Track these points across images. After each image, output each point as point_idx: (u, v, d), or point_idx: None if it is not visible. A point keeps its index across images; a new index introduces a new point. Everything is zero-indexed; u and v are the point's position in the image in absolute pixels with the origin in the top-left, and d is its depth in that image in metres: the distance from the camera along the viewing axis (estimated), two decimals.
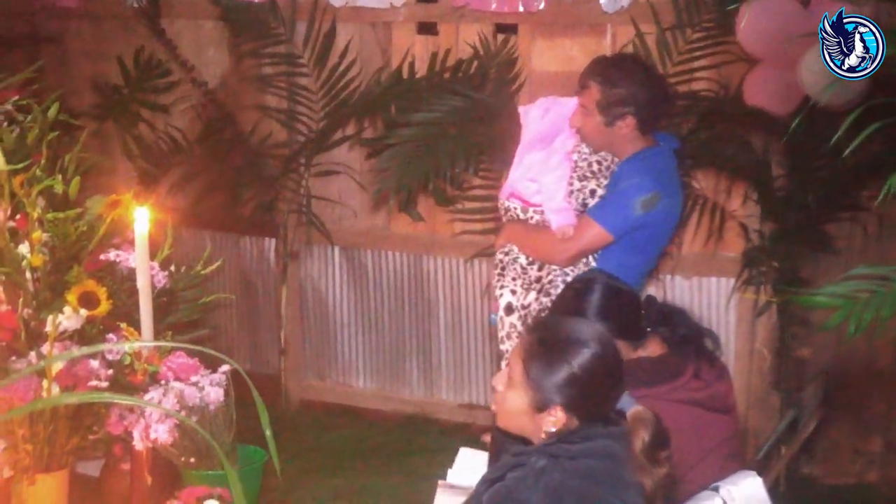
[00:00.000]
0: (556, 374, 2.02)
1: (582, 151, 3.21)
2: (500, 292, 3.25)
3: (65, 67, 5.38)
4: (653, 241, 3.18)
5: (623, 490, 1.91)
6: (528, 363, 2.04)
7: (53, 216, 3.27)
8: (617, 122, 3.10)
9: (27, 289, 3.23)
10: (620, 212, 3.11)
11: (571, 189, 3.18)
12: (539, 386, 2.03)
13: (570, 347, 2.03)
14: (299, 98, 4.64)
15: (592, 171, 3.19)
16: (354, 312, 4.87)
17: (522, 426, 2.06)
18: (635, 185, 3.10)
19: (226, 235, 5.09)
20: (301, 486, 3.81)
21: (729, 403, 2.50)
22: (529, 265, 3.20)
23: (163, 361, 3.20)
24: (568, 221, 3.14)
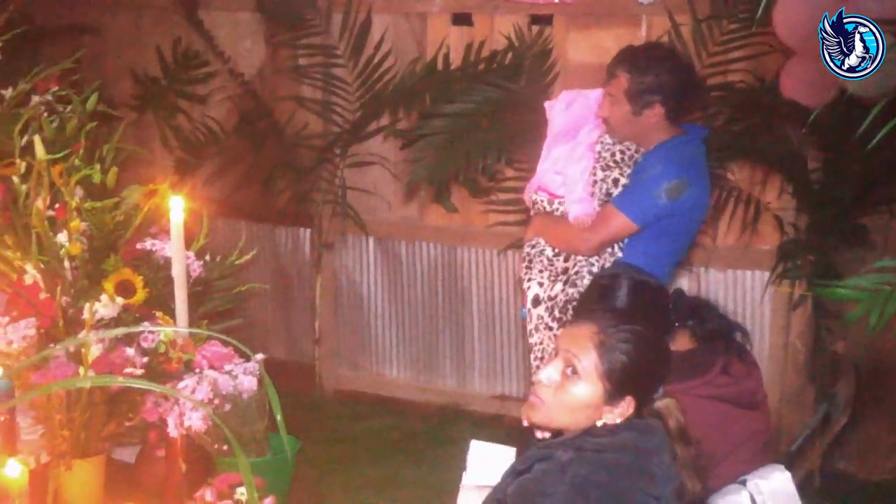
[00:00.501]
0: (641, 370, 2.01)
1: (605, 142, 3.21)
2: (528, 284, 3.26)
3: (104, 58, 5.44)
4: (679, 230, 3.15)
5: (649, 483, 1.90)
6: (609, 356, 2.01)
7: (91, 205, 3.32)
8: (645, 111, 3.09)
9: (65, 277, 3.27)
10: (645, 200, 3.09)
11: (595, 179, 3.18)
12: (617, 378, 2.00)
13: (648, 337, 2.03)
14: (335, 89, 4.66)
15: (615, 160, 3.19)
16: (388, 303, 4.89)
17: (577, 419, 2.02)
18: (660, 173, 3.09)
19: (261, 226, 5.13)
20: (333, 474, 3.84)
21: (757, 399, 2.48)
22: (556, 256, 3.21)
23: (197, 350, 3.24)
24: (586, 211, 3.15)
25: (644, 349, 2.03)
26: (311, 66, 4.72)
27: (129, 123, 5.19)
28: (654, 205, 3.08)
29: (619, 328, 2.04)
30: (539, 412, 2.05)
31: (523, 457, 2.06)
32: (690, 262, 4.07)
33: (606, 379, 2.01)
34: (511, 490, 1.96)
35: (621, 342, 2.03)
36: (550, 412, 2.04)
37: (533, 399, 2.06)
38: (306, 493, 3.48)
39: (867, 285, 1.77)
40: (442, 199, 4.42)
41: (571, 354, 2.04)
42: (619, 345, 2.02)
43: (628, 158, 3.20)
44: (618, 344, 2.02)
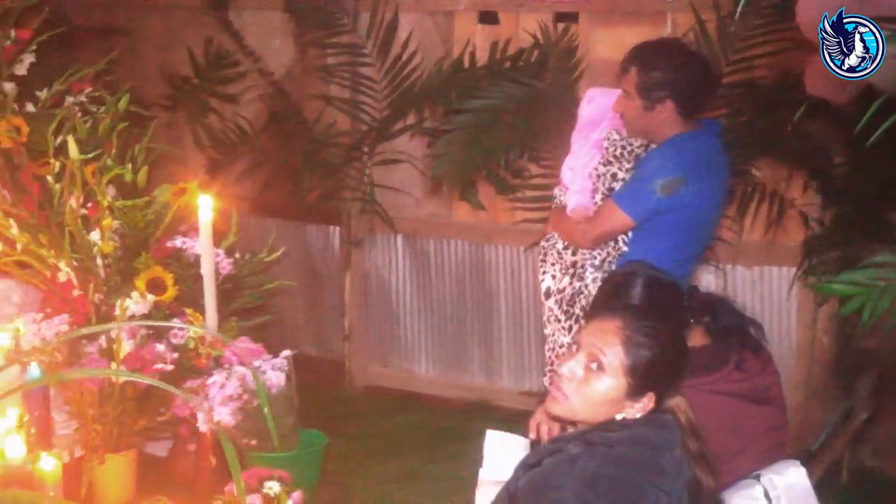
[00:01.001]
0: (663, 367, 2.02)
1: (613, 138, 3.25)
2: (542, 277, 3.33)
3: (137, 59, 5.50)
4: (682, 226, 3.16)
5: (659, 478, 1.90)
6: (634, 351, 2.03)
7: (122, 204, 3.37)
8: (656, 106, 3.11)
9: (98, 274, 3.33)
10: (640, 195, 3.12)
11: (598, 174, 3.23)
12: (641, 373, 2.01)
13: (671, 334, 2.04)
14: (362, 87, 4.68)
15: (615, 155, 3.23)
16: (417, 299, 4.91)
17: (598, 413, 2.03)
18: (656, 168, 3.11)
19: (291, 223, 5.17)
20: (361, 469, 3.87)
21: (772, 395, 2.47)
22: (565, 250, 3.27)
23: (227, 346, 3.28)
24: (581, 203, 3.20)
25: (667, 345, 2.04)
26: (339, 64, 4.76)
27: (161, 123, 5.25)
28: (649, 200, 3.10)
29: (644, 324, 2.05)
30: (561, 405, 2.06)
31: (535, 450, 2.08)
32: (717, 259, 4.06)
33: (630, 374, 2.02)
34: (522, 483, 1.98)
35: (646, 338, 2.04)
36: (573, 405, 2.05)
37: (555, 392, 2.07)
38: (334, 487, 3.51)
39: (862, 280, 1.78)
40: (468, 196, 4.44)
41: (597, 349, 2.04)
42: (643, 340, 2.03)
43: (628, 154, 3.24)
44: (643, 340, 2.03)
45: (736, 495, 2.11)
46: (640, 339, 2.03)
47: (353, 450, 4.04)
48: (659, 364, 2.02)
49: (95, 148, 3.51)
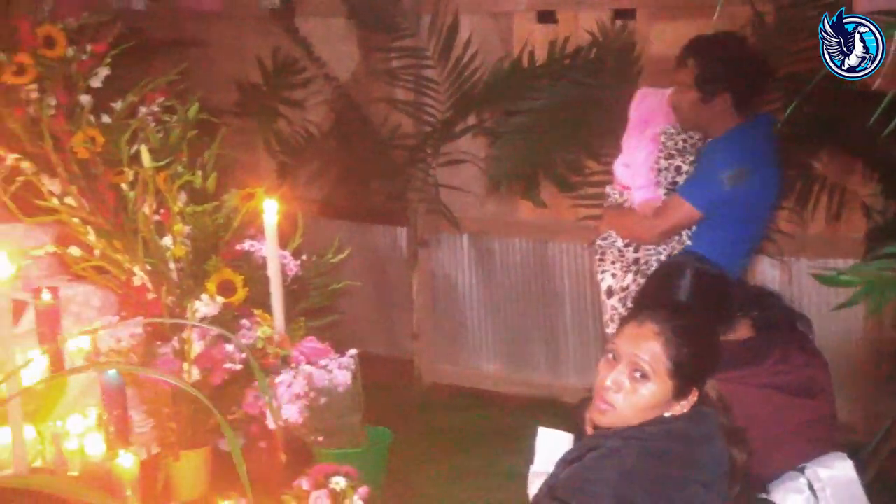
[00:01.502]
0: (705, 363, 2.03)
1: (670, 132, 3.24)
2: (602, 276, 3.30)
3: (209, 68, 5.61)
4: (745, 217, 3.14)
5: (697, 471, 1.90)
6: (676, 354, 2.02)
7: (193, 210, 3.46)
8: (712, 99, 3.10)
9: (171, 278, 3.42)
10: (707, 187, 3.10)
11: (660, 168, 3.22)
12: (685, 373, 2.01)
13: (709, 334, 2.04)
14: (425, 90, 4.72)
15: (678, 148, 3.21)
16: (483, 298, 4.93)
17: (645, 417, 2.03)
18: (722, 160, 3.10)
19: (359, 225, 5.23)
20: (427, 465, 3.89)
21: (816, 388, 2.43)
22: (626, 247, 3.25)
23: (295, 346, 3.35)
24: (648, 198, 3.18)
25: (704, 340, 2.04)
26: (402, 68, 4.80)
27: (233, 130, 5.36)
28: (717, 192, 3.08)
29: (679, 323, 2.05)
30: (609, 417, 2.06)
31: (575, 446, 2.08)
32: (781, 253, 4.00)
33: (675, 376, 2.02)
34: (563, 477, 1.99)
35: (683, 337, 2.03)
36: (622, 415, 2.05)
37: (602, 406, 2.06)
38: (401, 483, 3.56)
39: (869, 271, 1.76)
40: (531, 194, 4.45)
41: (637, 357, 2.04)
42: (681, 340, 2.03)
43: (691, 147, 3.22)
44: (681, 340, 2.03)
45: (780, 487, 2.09)
46: (678, 339, 2.03)
47: (419, 446, 4.08)
48: (700, 360, 2.03)
49: (167, 156, 3.61)
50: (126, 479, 2.91)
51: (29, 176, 3.56)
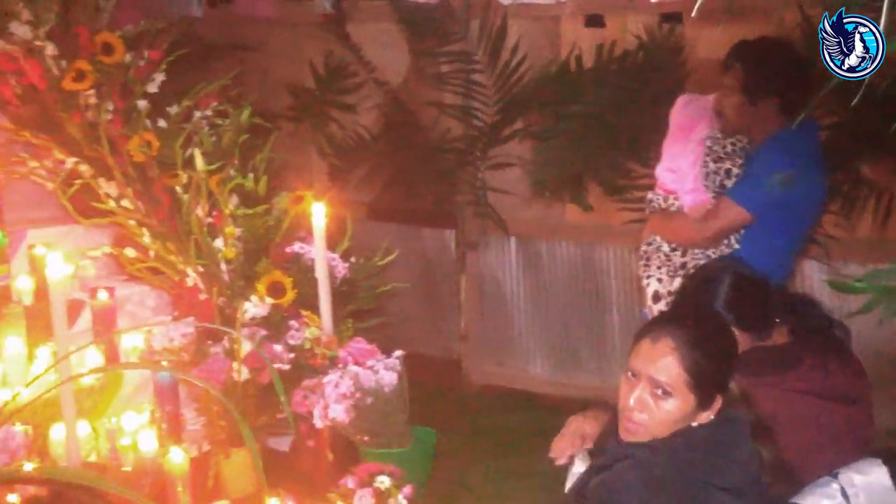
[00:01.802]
0: (724, 369, 2.02)
1: (716, 136, 3.23)
2: (647, 282, 3.29)
3: (264, 73, 5.69)
4: (794, 220, 3.12)
5: (721, 477, 1.90)
6: (693, 367, 2.02)
7: (244, 212, 3.51)
8: (758, 103, 3.09)
9: (222, 279, 3.47)
10: (758, 190, 3.09)
11: (707, 171, 3.21)
12: (706, 383, 2.01)
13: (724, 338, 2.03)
14: (474, 94, 4.74)
15: (727, 152, 3.21)
16: (530, 300, 4.93)
17: (674, 429, 2.03)
18: (772, 163, 3.08)
19: (408, 227, 5.26)
20: (474, 465, 3.91)
21: (853, 395, 2.40)
22: (673, 252, 3.24)
23: (342, 347, 3.38)
24: (699, 201, 3.17)
25: (720, 348, 2.03)
26: (451, 72, 4.82)
27: (287, 133, 5.43)
28: (767, 194, 3.07)
29: (694, 335, 2.04)
30: (637, 435, 2.06)
31: (605, 454, 2.08)
32: (828, 257, 3.95)
33: (695, 389, 2.02)
34: (592, 485, 1.99)
35: (699, 349, 2.03)
36: (650, 431, 2.06)
37: (630, 426, 2.06)
38: (447, 483, 3.57)
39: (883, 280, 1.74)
40: (577, 198, 4.44)
41: (656, 375, 2.04)
42: (697, 353, 2.02)
43: (739, 150, 3.22)
44: (696, 352, 2.02)
45: (812, 492, 2.07)
46: (694, 352, 2.02)
47: (466, 447, 4.09)
48: (719, 368, 2.03)
49: (220, 159, 3.67)
50: (177, 475, 2.96)
51: (87, 179, 3.65)
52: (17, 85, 3.73)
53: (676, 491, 1.91)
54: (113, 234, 3.79)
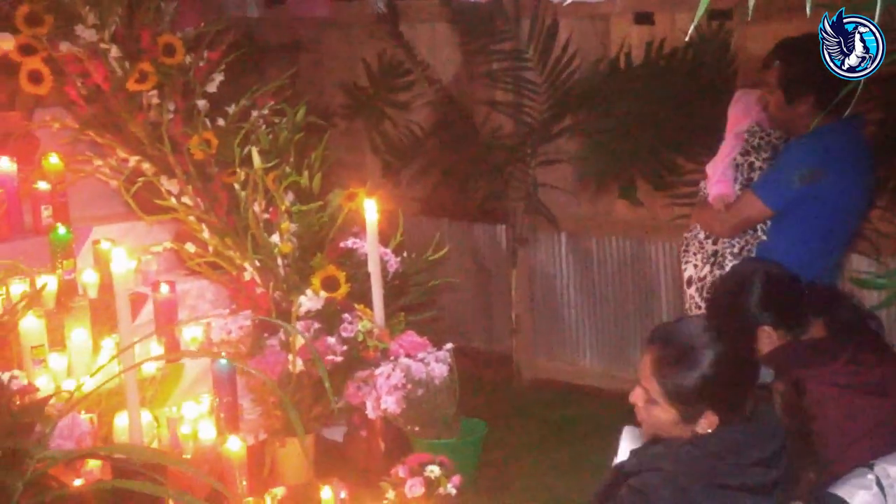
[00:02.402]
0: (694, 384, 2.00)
1: (753, 129, 3.26)
2: (685, 266, 3.37)
3: (320, 72, 5.75)
4: (822, 217, 3.09)
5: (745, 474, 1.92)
6: (663, 381, 2.03)
7: (299, 208, 3.58)
8: (796, 100, 3.07)
9: (278, 273, 3.55)
10: (778, 185, 3.11)
11: (736, 164, 3.25)
12: (683, 400, 2.01)
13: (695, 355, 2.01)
14: (525, 91, 4.74)
15: (754, 145, 3.24)
16: (580, 295, 4.93)
17: (672, 432, 2.05)
18: (796, 159, 3.08)
19: (461, 223, 5.28)
20: (524, 458, 3.91)
21: (889, 387, 2.39)
22: (706, 239, 3.30)
23: (394, 339, 3.43)
24: (722, 192, 3.21)
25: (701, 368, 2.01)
26: (502, 70, 4.83)
27: (341, 131, 5.49)
28: (788, 189, 3.07)
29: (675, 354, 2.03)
30: (647, 431, 2.14)
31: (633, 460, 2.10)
32: (878, 252, 3.89)
33: (675, 403, 2.02)
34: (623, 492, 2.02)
35: (676, 366, 2.02)
36: (648, 431, 2.13)
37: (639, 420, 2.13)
38: (496, 473, 3.59)
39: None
40: (627, 193, 4.43)
41: (644, 384, 2.06)
42: (674, 371, 2.02)
43: (766, 144, 3.24)
44: (673, 370, 2.02)
45: (847, 483, 2.06)
46: (670, 370, 2.02)
47: (516, 439, 4.10)
48: (706, 386, 2.00)
49: (276, 157, 3.74)
50: (235, 462, 3.05)
51: (149, 177, 3.74)
52: (82, 86, 3.84)
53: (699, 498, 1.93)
54: (174, 230, 3.88)
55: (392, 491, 2.89)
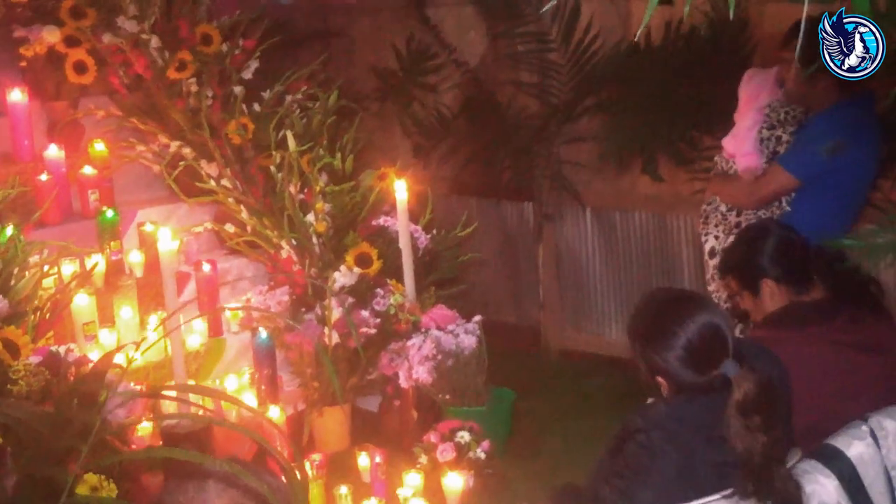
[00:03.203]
0: (647, 350, 2.11)
1: (774, 105, 3.29)
2: (705, 238, 3.41)
3: (352, 57, 5.80)
4: (843, 188, 3.13)
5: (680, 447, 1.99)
6: (632, 342, 2.18)
7: (332, 189, 3.65)
8: (815, 77, 3.10)
9: (313, 251, 3.63)
10: (805, 157, 3.15)
11: (762, 138, 3.28)
12: (643, 360, 2.13)
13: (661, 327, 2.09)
14: (549, 72, 4.77)
15: (779, 120, 3.28)
16: (605, 269, 4.97)
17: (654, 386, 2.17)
18: (821, 132, 3.12)
19: (489, 200, 5.32)
20: (552, 426, 3.97)
21: (885, 345, 2.44)
22: (729, 212, 3.34)
23: (425, 313, 3.51)
24: (752, 165, 3.25)
25: (647, 332, 2.13)
26: (527, 52, 4.86)
27: (372, 114, 5.55)
28: (814, 161, 3.11)
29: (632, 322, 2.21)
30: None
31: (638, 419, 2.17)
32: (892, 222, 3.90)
33: (641, 361, 2.15)
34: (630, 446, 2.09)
35: (630, 333, 2.21)
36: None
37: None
38: (525, 441, 3.66)
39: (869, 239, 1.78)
40: (649, 169, 4.46)
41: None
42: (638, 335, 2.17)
43: (791, 119, 3.27)
44: (630, 336, 2.20)
45: (843, 434, 2.13)
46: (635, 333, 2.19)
47: (545, 409, 4.15)
48: (644, 353, 2.12)
49: (310, 140, 3.81)
50: (275, 431, 3.14)
51: (190, 161, 3.83)
52: (124, 75, 3.93)
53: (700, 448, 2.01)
54: (214, 212, 3.97)
55: (424, 456, 2.97)
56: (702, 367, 2.01)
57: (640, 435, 2.00)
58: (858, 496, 2.10)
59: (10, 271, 2.80)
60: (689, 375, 2.02)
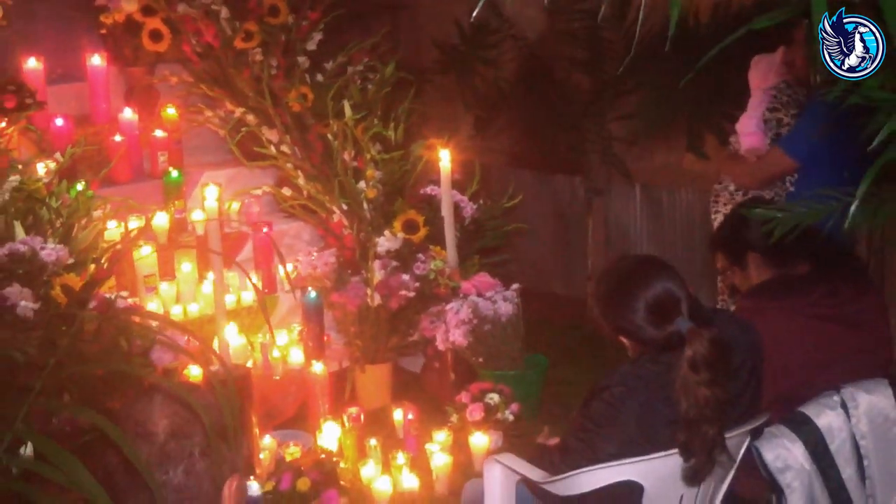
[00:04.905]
0: (609, 310, 2.18)
1: (780, 87, 3.22)
2: (714, 217, 3.38)
3: (416, 30, 5.79)
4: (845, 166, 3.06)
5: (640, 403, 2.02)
6: (597, 305, 2.25)
7: (383, 157, 3.67)
8: None
9: (364, 216, 3.66)
10: (804, 139, 3.09)
11: (765, 119, 3.23)
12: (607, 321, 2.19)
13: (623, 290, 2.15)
14: (602, 49, 4.71)
15: (781, 102, 3.23)
16: (651, 243, 4.92)
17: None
18: (820, 113, 3.05)
19: (542, 174, 5.30)
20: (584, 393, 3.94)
21: (863, 319, 2.39)
22: (737, 191, 3.31)
23: (468, 280, 3.52)
24: (755, 143, 3.20)
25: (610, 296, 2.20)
26: (581, 29, 4.80)
27: (435, 86, 5.54)
28: (813, 143, 3.05)
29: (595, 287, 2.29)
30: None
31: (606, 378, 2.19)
32: None
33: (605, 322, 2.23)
34: (596, 403, 2.14)
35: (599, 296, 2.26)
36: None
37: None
38: (557, 406, 3.64)
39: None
40: (694, 146, 4.39)
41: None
42: (598, 299, 2.26)
43: (793, 101, 3.22)
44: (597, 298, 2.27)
45: (815, 403, 2.12)
46: (595, 296, 2.30)
47: (579, 377, 4.11)
48: (606, 313, 2.22)
49: (365, 110, 3.83)
50: (318, 385, 3.20)
51: (252, 127, 3.88)
52: (196, 44, 3.99)
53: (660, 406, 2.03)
54: (274, 176, 4.02)
55: (455, 415, 2.99)
56: (658, 323, 2.07)
57: (605, 392, 2.07)
58: (823, 461, 2.14)
59: (74, 223, 2.89)
60: (647, 332, 2.08)
